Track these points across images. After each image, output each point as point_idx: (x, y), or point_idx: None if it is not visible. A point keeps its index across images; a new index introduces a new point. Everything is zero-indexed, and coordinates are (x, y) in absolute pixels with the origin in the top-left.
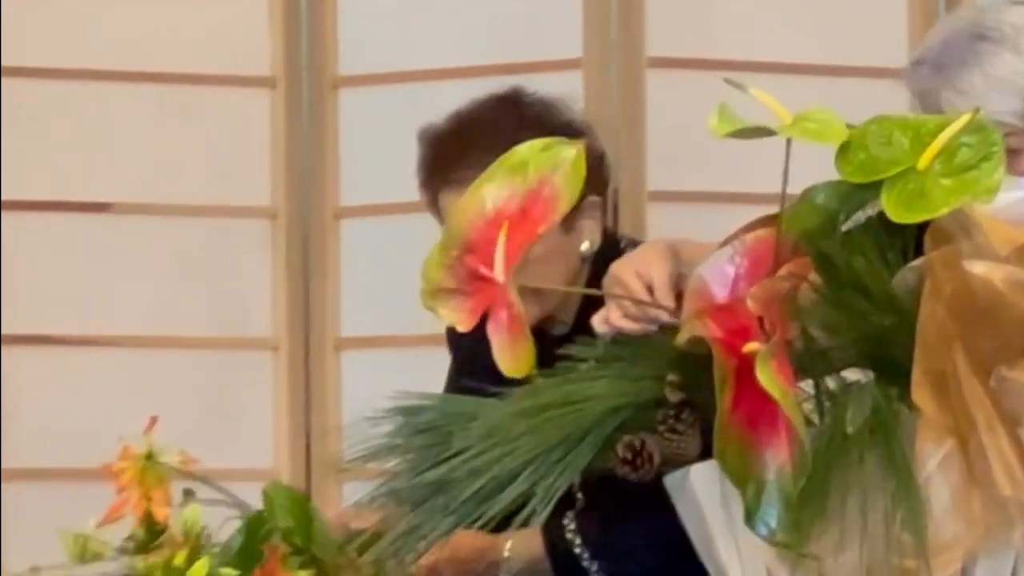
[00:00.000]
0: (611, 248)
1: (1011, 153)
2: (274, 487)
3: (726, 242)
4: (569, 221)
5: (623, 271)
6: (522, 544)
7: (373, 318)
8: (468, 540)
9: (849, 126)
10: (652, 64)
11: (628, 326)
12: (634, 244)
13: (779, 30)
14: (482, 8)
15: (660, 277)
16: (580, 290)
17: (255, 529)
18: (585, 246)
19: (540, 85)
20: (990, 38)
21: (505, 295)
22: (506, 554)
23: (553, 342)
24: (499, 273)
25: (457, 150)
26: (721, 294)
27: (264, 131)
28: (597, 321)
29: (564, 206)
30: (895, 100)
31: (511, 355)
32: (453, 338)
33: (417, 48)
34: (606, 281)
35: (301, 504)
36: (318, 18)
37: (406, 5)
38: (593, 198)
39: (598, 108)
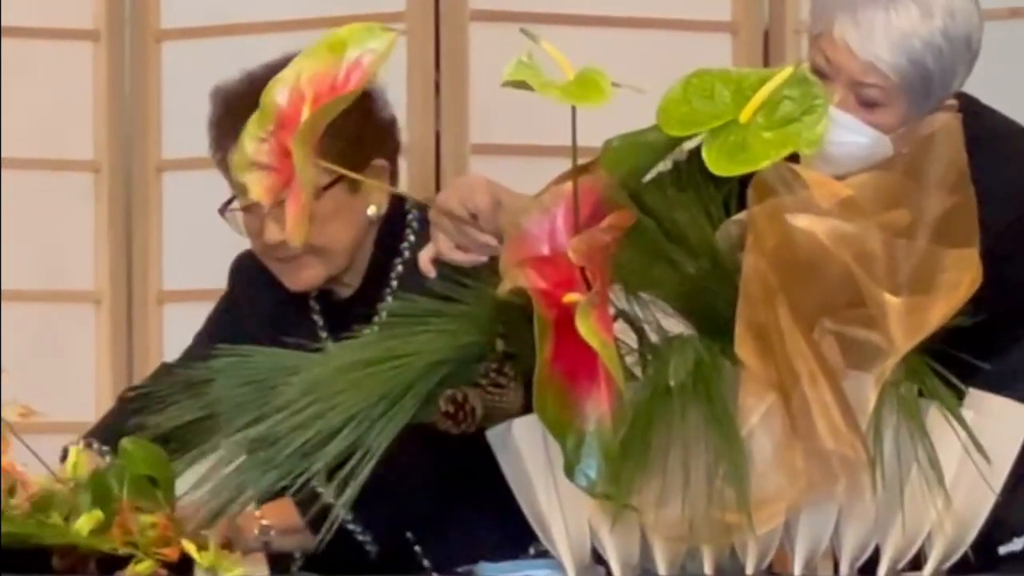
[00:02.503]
0: (398, 213)
1: (870, 106)
2: (131, 441)
3: (542, 192)
4: (355, 183)
5: (447, 200)
6: (275, 509)
7: (195, 271)
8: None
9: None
10: (475, 17)
11: (458, 257)
12: (421, 207)
13: None
14: None
15: (485, 204)
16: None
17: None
18: (372, 209)
19: None
20: None
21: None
22: (264, 522)
23: (341, 304)
24: (296, 144)
25: (247, 109)
26: (540, 242)
27: (87, 84)
28: (423, 260)
29: (368, 83)
30: (718, 54)
31: (296, 226)
32: (238, 274)
33: (238, 1)
34: (431, 215)
35: (157, 457)
36: None
37: None
38: (380, 161)
39: (422, 61)
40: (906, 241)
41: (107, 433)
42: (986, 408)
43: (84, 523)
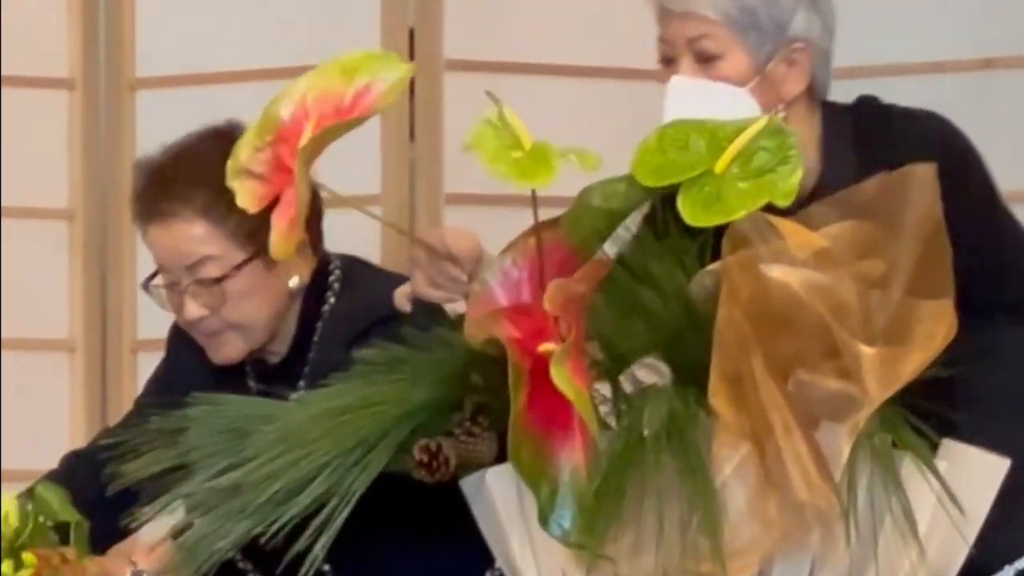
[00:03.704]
0: (321, 278)
1: (709, 60)
2: (44, 486)
3: (508, 248)
4: (272, 259)
5: (429, 235)
6: (148, 552)
7: (169, 320)
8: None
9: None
10: (450, 67)
11: (434, 293)
12: (346, 261)
13: (571, 32)
14: (278, 11)
15: (467, 248)
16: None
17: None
18: (294, 281)
19: None
20: None
21: (294, 180)
22: (138, 566)
23: (272, 370)
24: (297, 161)
25: (163, 182)
26: (504, 298)
27: (62, 132)
28: (399, 297)
29: (375, 113)
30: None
31: (282, 240)
32: (176, 340)
33: (213, 51)
34: (410, 251)
35: (67, 505)
36: (115, 20)
37: (202, 7)
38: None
39: (396, 110)
40: (881, 291)
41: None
42: (960, 459)
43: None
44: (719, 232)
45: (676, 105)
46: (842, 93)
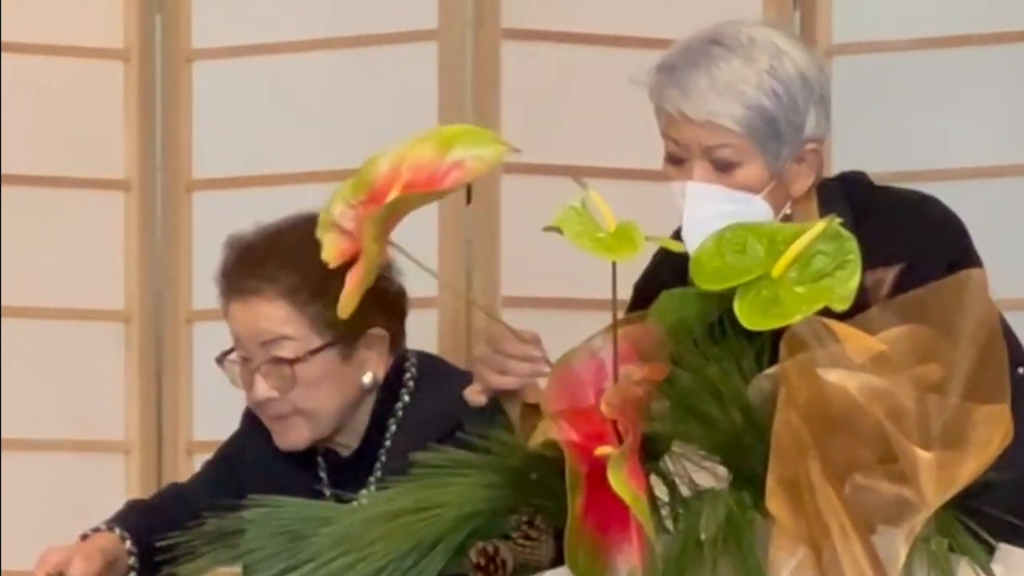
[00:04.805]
0: (396, 376)
1: (727, 168)
2: None
3: (595, 336)
4: (349, 350)
5: (491, 326)
6: None
7: (226, 421)
8: None
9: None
10: (507, 169)
11: (505, 380)
12: (423, 358)
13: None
14: (335, 112)
15: (535, 336)
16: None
17: None
18: (367, 378)
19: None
20: (725, 44)
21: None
22: None
23: (342, 464)
24: (369, 221)
25: (252, 261)
26: (585, 383)
27: (118, 234)
28: (471, 394)
29: (463, 184)
30: None
31: (347, 299)
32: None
33: (270, 152)
34: (475, 349)
35: None
36: (172, 121)
37: (258, 108)
38: (379, 331)
39: (453, 211)
40: (938, 396)
41: (129, 521)
42: (1016, 562)
43: None
44: (777, 335)
45: (693, 210)
46: None
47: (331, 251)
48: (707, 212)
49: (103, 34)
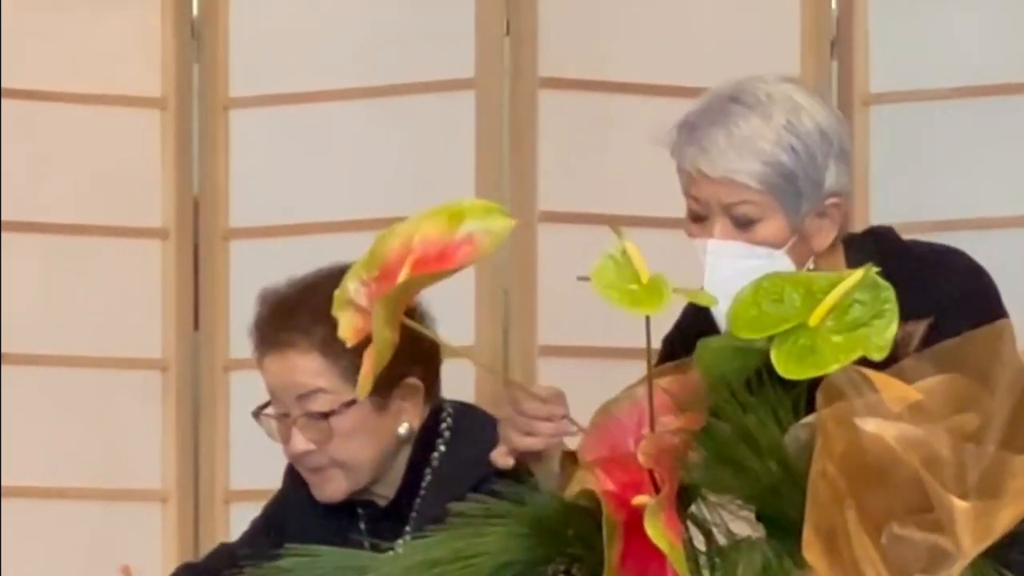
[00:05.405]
0: (431, 427)
1: (748, 224)
2: None
3: (636, 384)
4: (384, 401)
5: (511, 388)
6: None
7: (262, 470)
8: None
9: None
10: (544, 218)
11: (528, 441)
12: (459, 408)
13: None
14: (372, 160)
15: (558, 394)
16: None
17: None
18: (403, 428)
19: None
20: (743, 102)
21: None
22: None
23: (380, 514)
24: (378, 303)
25: (285, 313)
26: (626, 431)
27: (155, 281)
28: (498, 456)
29: (473, 262)
30: None
31: (363, 379)
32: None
33: (307, 200)
34: (499, 412)
35: None
36: (209, 169)
37: (294, 158)
38: (414, 380)
39: (491, 260)
40: (974, 445)
41: None
42: None
43: None
44: (813, 384)
45: (714, 268)
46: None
47: (347, 330)
48: (728, 270)
49: (141, 82)
